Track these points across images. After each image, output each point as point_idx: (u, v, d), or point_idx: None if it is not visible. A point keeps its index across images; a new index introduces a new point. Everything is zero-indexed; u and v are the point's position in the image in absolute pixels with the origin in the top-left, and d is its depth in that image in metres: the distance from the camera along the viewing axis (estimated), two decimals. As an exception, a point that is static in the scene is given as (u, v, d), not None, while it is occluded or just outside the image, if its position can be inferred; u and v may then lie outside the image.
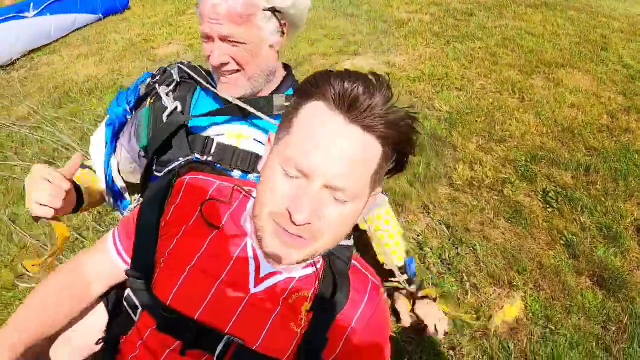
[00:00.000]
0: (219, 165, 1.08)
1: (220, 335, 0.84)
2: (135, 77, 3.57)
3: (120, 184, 1.20)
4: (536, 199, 2.25)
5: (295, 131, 0.76)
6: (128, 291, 0.95)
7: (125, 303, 0.97)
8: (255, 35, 1.02)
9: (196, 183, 0.97)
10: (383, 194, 1.29)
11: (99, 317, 1.14)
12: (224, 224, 0.92)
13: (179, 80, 1.17)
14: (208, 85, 1.12)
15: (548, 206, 2.19)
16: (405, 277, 1.20)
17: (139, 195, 1.23)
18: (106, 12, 5.87)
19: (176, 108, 1.13)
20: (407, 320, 1.25)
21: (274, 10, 1.02)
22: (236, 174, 1.09)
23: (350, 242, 0.97)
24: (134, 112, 1.21)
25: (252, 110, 1.07)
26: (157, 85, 1.16)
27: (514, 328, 1.58)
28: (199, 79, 1.14)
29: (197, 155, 1.09)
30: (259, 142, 1.12)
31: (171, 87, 1.16)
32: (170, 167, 1.10)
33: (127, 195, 1.23)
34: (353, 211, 0.78)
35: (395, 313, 1.25)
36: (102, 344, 1.01)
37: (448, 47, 4.21)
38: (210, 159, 1.09)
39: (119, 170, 1.21)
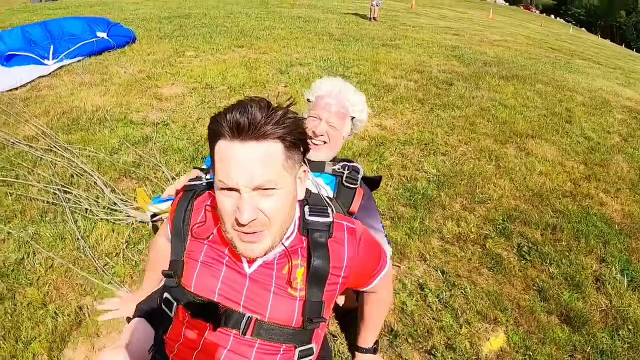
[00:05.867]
0: None
1: (241, 315, 1.13)
2: (144, 114, 3.97)
3: None
4: (512, 252, 2.79)
5: (217, 165, 1.04)
6: (165, 294, 1.24)
7: (163, 305, 1.25)
8: (343, 127, 1.73)
9: (201, 200, 1.27)
10: (388, 246, 1.87)
11: (146, 329, 1.50)
12: (215, 233, 1.20)
13: None
14: None
15: (522, 258, 2.73)
16: None
17: None
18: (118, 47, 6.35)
19: None
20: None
21: (352, 118, 1.77)
22: None
23: (329, 220, 1.21)
24: None
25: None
26: None
27: (500, 355, 2.04)
28: None
29: None
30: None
31: None
32: (193, 183, 1.39)
33: None
34: (283, 194, 1.05)
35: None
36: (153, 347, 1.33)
37: (432, 114, 4.84)
38: None
39: None
